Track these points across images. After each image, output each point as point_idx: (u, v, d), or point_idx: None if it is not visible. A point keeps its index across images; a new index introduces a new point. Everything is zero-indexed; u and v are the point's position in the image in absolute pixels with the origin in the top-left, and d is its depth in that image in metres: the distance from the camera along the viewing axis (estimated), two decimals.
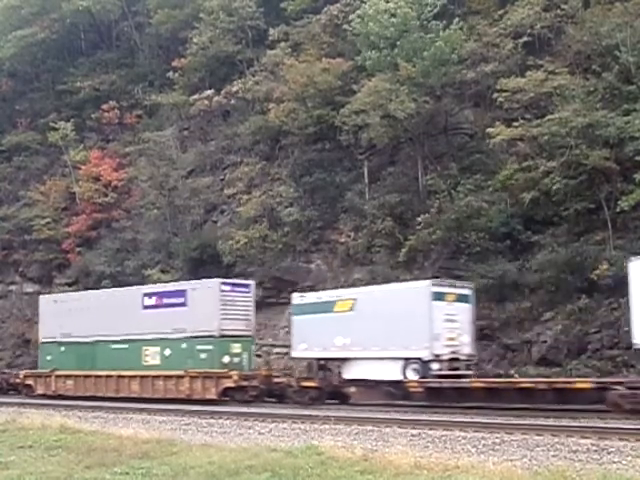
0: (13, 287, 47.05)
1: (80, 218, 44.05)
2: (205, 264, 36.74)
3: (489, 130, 28.54)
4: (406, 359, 23.13)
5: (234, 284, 28.32)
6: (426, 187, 31.75)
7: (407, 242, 30.14)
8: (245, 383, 25.90)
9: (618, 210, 25.59)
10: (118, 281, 40.75)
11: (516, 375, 24.29)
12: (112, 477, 11.55)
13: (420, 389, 22.54)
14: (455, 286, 24.26)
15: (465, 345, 23.71)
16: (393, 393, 23.82)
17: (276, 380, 26.63)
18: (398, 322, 23.07)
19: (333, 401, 25.30)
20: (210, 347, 26.86)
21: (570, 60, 29.61)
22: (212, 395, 26.17)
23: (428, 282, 23.84)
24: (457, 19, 31.89)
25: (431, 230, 29.51)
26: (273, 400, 26.05)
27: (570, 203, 26.79)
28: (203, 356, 26.88)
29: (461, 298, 23.98)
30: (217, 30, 42.74)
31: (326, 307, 25.67)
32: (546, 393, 20.21)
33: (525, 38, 30.74)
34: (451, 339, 23.30)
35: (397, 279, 29.10)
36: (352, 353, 24.64)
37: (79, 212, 44.54)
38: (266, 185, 37.70)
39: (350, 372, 24.93)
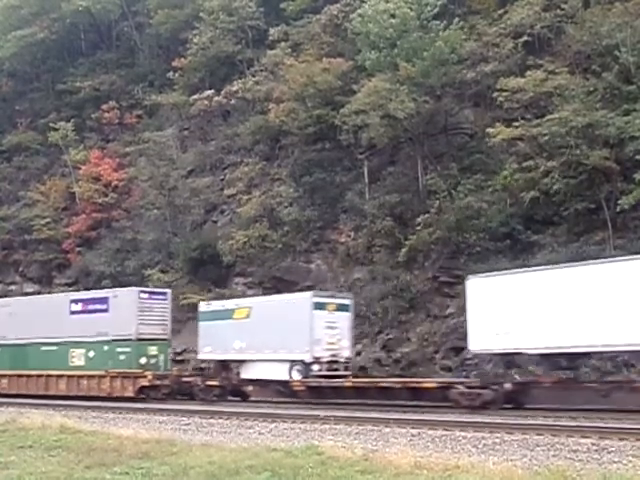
0: (13, 287, 47.03)
1: (80, 218, 44.08)
2: (205, 264, 36.78)
3: (489, 130, 28.53)
4: (292, 361, 25.96)
5: (152, 292, 31.21)
6: (426, 187, 31.75)
7: (407, 242, 30.14)
8: (158, 382, 28.51)
9: (618, 210, 25.59)
10: (118, 281, 40.73)
11: (516, 376, 24.23)
12: (112, 477, 11.53)
13: (302, 388, 25.56)
14: (335, 297, 27.40)
15: (344, 349, 26.52)
16: (282, 391, 27.08)
17: (185, 379, 29.20)
18: (285, 328, 25.99)
19: (235, 398, 27.98)
20: (128, 349, 29.30)
21: (570, 60, 29.61)
22: (130, 393, 28.53)
23: (310, 294, 26.98)
24: (457, 19, 31.89)
25: (431, 230, 29.51)
26: (184, 397, 28.53)
27: (570, 203, 26.79)
28: (122, 357, 29.23)
29: (341, 307, 26.83)
30: (217, 30, 42.78)
31: (227, 314, 28.51)
32: (401, 391, 23.70)
33: (525, 38, 30.73)
34: (331, 344, 26.10)
35: (397, 279, 29.15)
36: (248, 355, 27.44)
37: (79, 212, 44.57)
38: (266, 185, 37.72)
39: (247, 372, 27.79)
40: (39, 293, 44.32)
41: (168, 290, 31.94)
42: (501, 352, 21.74)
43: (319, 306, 26.20)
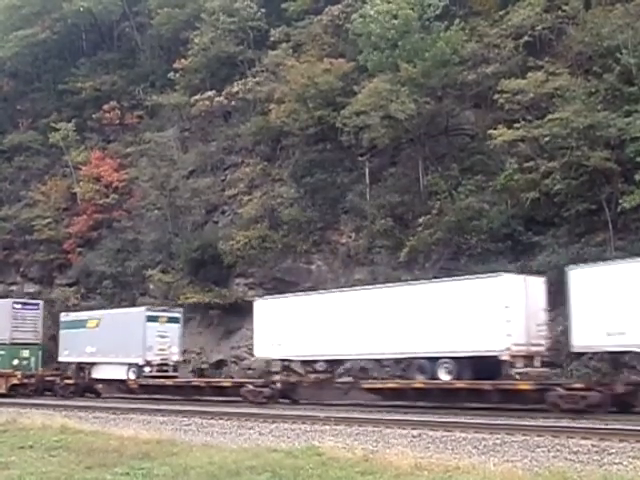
0: (14, 287, 47.07)
1: (81, 218, 44.10)
2: (206, 265, 36.78)
3: (491, 132, 28.50)
4: (129, 364, 31.73)
5: (25, 303, 37.75)
6: (427, 188, 31.75)
7: (408, 243, 30.13)
8: (26, 381, 34.53)
9: (619, 211, 25.58)
10: (119, 281, 40.88)
11: (517, 376, 24.21)
12: (113, 477, 11.53)
13: (136, 385, 31.56)
14: (167, 311, 33.16)
15: (174, 354, 32.37)
16: (121, 388, 32.87)
17: (47, 378, 34.89)
18: (125, 337, 31.84)
19: (90, 395, 33.95)
20: (3, 352, 35.25)
21: (571, 61, 29.60)
22: (3, 390, 34.20)
23: (144, 308, 33.00)
24: (458, 20, 31.87)
25: (432, 231, 29.50)
26: (50, 394, 33.95)
27: (571, 204, 26.77)
28: None
29: (172, 320, 32.57)
30: (218, 31, 42.74)
31: (82, 324, 34.52)
32: (207, 389, 29.68)
33: (526, 39, 30.66)
34: (162, 350, 31.85)
35: (398, 280, 29.10)
36: (97, 359, 33.39)
37: (80, 212, 44.58)
38: (267, 186, 37.71)
39: (96, 373, 33.67)
40: (40, 293, 44.42)
41: (40, 301, 38.36)
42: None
43: (152, 319, 31.87)
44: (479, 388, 21.98)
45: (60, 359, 35.65)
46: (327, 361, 26.68)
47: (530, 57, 30.44)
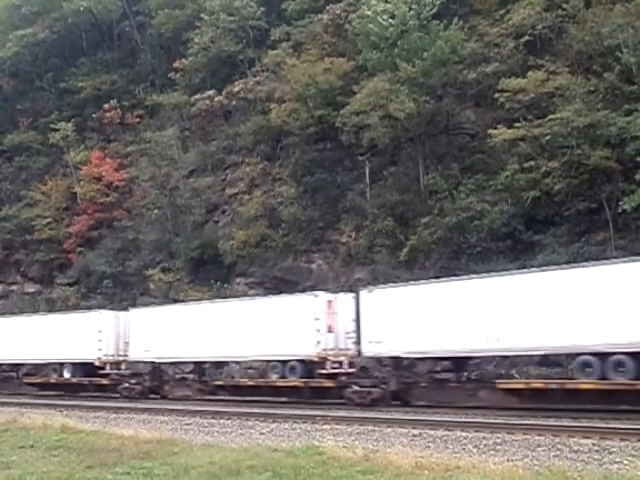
0: (14, 287, 47.07)
1: (81, 218, 44.07)
2: (206, 264, 36.80)
3: (491, 131, 28.50)
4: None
5: None
6: (427, 187, 31.75)
7: (408, 242, 30.14)
8: None
9: (619, 210, 25.57)
10: (119, 281, 40.85)
11: (517, 375, 24.28)
12: (113, 477, 11.55)
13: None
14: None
15: None
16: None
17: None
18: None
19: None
20: None
21: (571, 60, 29.57)
22: None
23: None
24: (458, 19, 31.86)
25: (432, 230, 29.51)
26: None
27: (571, 203, 26.78)
28: None
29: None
30: (218, 30, 42.73)
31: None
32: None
33: (526, 38, 30.67)
34: None
35: (398, 279, 29.09)
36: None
37: (80, 212, 44.55)
38: (267, 185, 37.73)
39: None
40: (40, 293, 44.41)
41: None
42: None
43: None
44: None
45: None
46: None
47: (530, 56, 30.42)
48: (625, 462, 12.12)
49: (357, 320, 24.88)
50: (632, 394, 18.29)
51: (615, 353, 18.75)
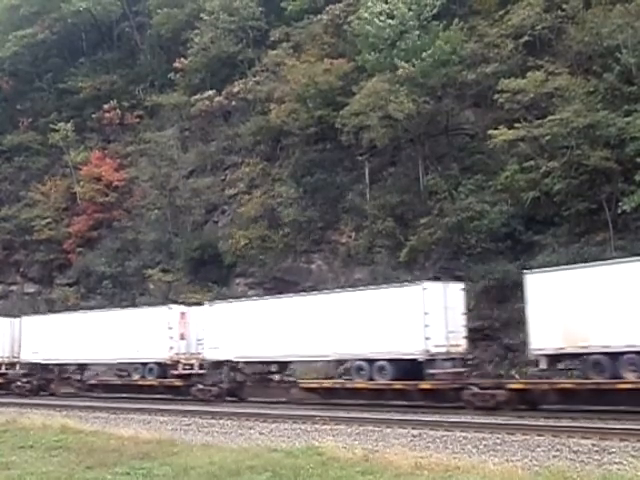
0: (14, 287, 47.07)
1: (81, 218, 44.09)
2: (206, 264, 36.80)
3: (491, 132, 28.49)
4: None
5: None
6: (427, 187, 31.74)
7: (408, 242, 30.14)
8: None
9: (619, 211, 25.58)
10: (119, 281, 40.84)
11: (517, 376, 24.30)
12: (113, 477, 11.55)
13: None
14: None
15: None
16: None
17: None
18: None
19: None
20: None
21: (571, 61, 29.58)
22: None
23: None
24: (458, 19, 31.87)
25: (432, 230, 29.50)
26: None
27: (571, 203, 26.78)
28: None
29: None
30: (218, 30, 42.73)
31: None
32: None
33: (526, 38, 30.66)
34: None
35: (398, 279, 29.09)
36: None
37: (80, 212, 44.58)
38: (267, 185, 37.72)
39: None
40: (40, 293, 44.42)
41: None
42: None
43: None
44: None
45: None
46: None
47: (530, 57, 30.41)
48: (624, 462, 12.12)
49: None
50: (390, 392, 22.90)
51: (379, 360, 23.28)
